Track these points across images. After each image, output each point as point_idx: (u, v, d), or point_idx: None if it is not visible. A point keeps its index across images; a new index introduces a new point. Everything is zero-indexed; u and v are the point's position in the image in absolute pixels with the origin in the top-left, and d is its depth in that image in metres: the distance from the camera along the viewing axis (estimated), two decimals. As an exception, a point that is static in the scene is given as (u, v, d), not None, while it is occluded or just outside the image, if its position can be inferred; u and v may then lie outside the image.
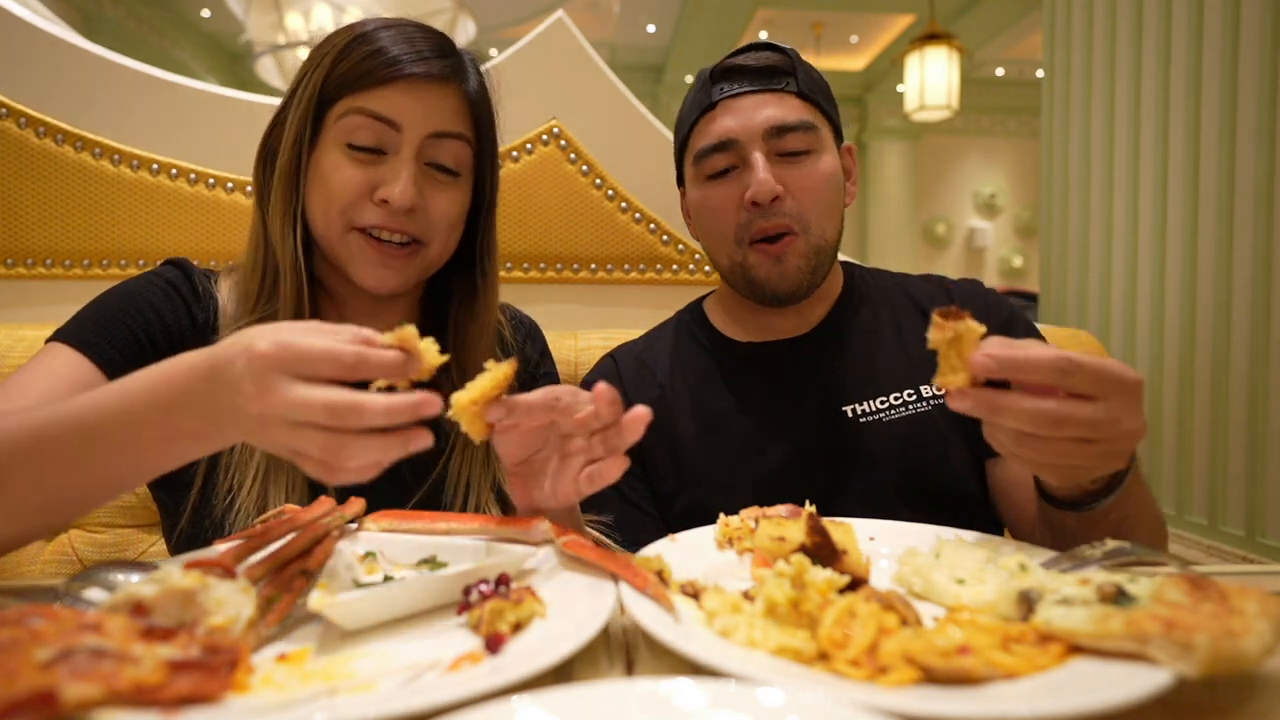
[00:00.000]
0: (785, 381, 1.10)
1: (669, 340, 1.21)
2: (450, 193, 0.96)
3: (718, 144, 1.06)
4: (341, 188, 0.91)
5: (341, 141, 0.92)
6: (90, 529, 1.25)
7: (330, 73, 0.92)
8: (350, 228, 0.92)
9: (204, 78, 6.73)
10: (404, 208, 0.91)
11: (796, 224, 1.04)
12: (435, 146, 0.93)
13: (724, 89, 1.07)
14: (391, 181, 0.91)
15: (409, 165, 0.91)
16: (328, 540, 0.67)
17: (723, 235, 1.08)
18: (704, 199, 1.10)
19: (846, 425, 1.06)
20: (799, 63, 1.09)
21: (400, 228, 0.92)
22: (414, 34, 0.94)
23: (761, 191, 1.02)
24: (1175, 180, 2.06)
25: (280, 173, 0.93)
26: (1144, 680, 0.44)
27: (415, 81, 0.91)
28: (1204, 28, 1.97)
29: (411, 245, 0.94)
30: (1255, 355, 1.85)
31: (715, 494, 1.06)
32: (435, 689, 0.45)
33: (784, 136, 1.04)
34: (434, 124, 0.92)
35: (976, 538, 0.75)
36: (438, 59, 0.93)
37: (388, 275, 0.94)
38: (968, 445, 1.05)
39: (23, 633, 0.43)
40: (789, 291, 1.07)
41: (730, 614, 0.56)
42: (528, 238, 1.60)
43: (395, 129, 0.91)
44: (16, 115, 1.42)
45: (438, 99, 0.93)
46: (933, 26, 5.80)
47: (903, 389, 1.07)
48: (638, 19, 7.94)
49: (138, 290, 0.93)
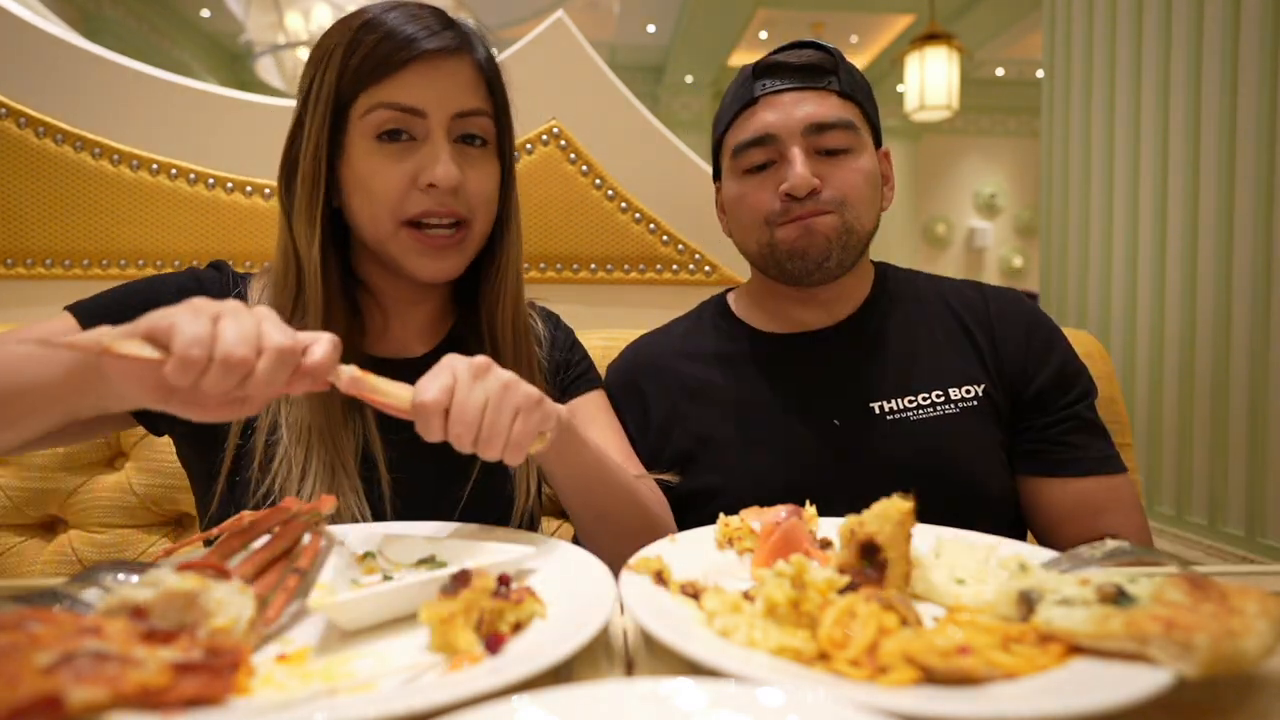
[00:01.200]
0: (812, 374, 1.10)
1: (690, 329, 1.22)
2: (484, 166, 0.97)
3: (757, 138, 1.05)
4: (385, 185, 0.91)
5: (370, 139, 0.91)
6: (90, 529, 1.25)
7: (343, 70, 0.91)
8: (400, 224, 0.93)
9: (204, 78, 6.73)
10: (451, 186, 0.91)
11: (833, 206, 1.04)
12: (461, 124, 0.94)
13: (765, 85, 1.07)
14: (432, 165, 0.91)
15: (444, 146, 0.92)
16: (315, 538, 0.68)
17: (755, 223, 1.08)
18: (741, 192, 1.09)
19: (873, 421, 1.05)
20: (842, 62, 1.09)
21: (449, 209, 0.93)
22: (417, 11, 0.94)
23: (798, 184, 1.01)
24: (1175, 180, 2.06)
25: (304, 179, 0.93)
26: (1144, 680, 0.44)
27: (431, 59, 0.91)
28: (1204, 28, 1.97)
29: (458, 228, 0.95)
30: (1255, 355, 1.85)
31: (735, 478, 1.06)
32: (435, 689, 0.45)
33: (823, 134, 1.03)
34: (456, 103, 0.93)
35: (977, 538, 0.75)
36: (447, 31, 0.93)
37: (443, 264, 0.95)
38: (995, 452, 1.05)
39: (22, 637, 0.43)
40: (817, 259, 1.05)
41: (730, 614, 0.56)
42: (527, 238, 1.58)
43: (421, 116, 0.91)
44: (16, 115, 1.42)
45: (454, 75, 0.93)
46: (933, 27, 5.79)
47: (931, 390, 1.06)
48: (638, 19, 7.93)
49: (164, 282, 0.94)
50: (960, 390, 1.05)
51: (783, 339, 1.14)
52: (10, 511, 1.24)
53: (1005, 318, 1.10)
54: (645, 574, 0.64)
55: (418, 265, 0.94)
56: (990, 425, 1.05)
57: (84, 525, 1.26)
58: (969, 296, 1.14)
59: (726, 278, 1.66)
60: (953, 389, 1.05)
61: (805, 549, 0.72)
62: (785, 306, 1.15)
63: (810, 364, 1.11)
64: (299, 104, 0.95)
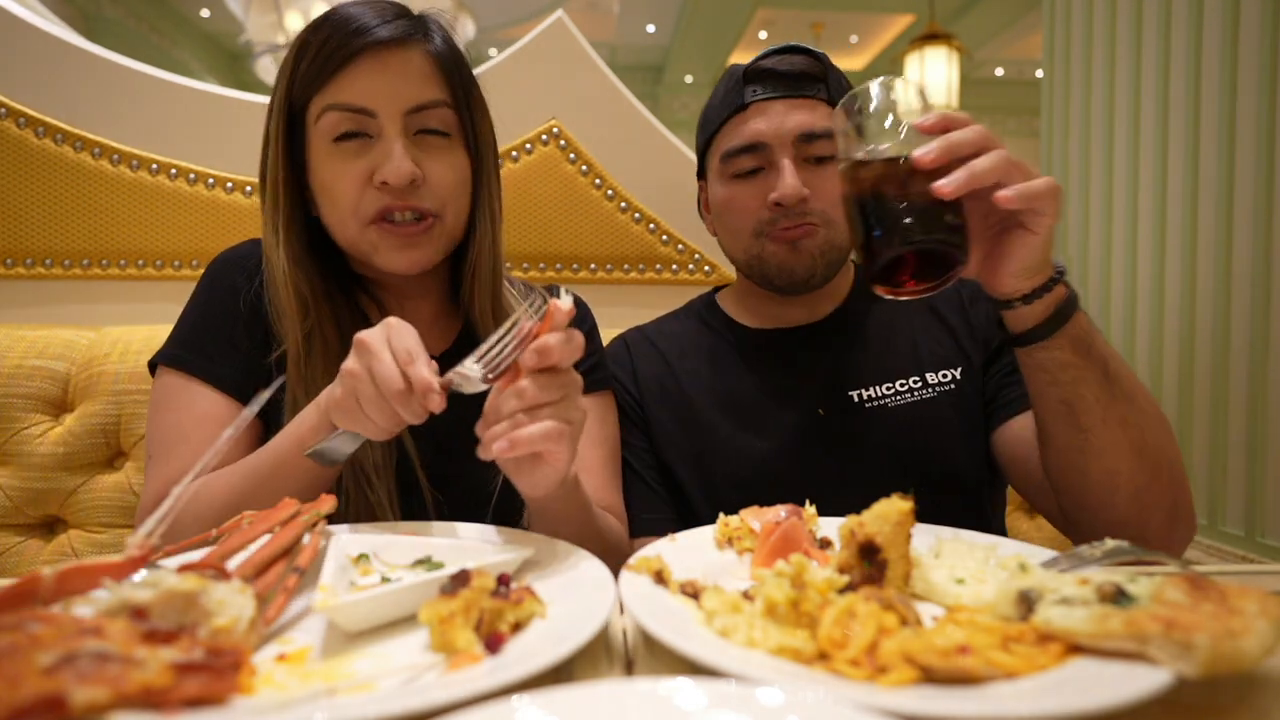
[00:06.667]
0: (794, 365, 1.14)
1: (681, 323, 1.25)
2: (446, 157, 0.96)
3: (747, 145, 1.08)
4: (343, 188, 0.92)
5: (326, 141, 0.92)
6: (90, 529, 1.25)
7: (294, 74, 0.92)
8: (366, 222, 0.93)
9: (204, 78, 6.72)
10: (404, 182, 0.91)
11: (819, 220, 1.07)
12: (417, 119, 0.93)
13: (756, 91, 1.09)
14: (385, 163, 0.91)
15: (397, 142, 0.91)
16: (315, 538, 0.67)
17: (742, 230, 1.11)
18: (729, 197, 1.12)
19: (852, 408, 1.09)
20: (830, 69, 1.11)
21: (409, 204, 0.93)
22: (373, 3, 0.94)
23: (789, 195, 1.04)
24: (1175, 180, 2.06)
25: (271, 189, 0.95)
26: (1144, 680, 0.44)
27: (377, 52, 0.91)
28: (1204, 28, 1.97)
29: (426, 220, 0.95)
30: (1255, 355, 1.85)
31: (721, 467, 1.11)
32: (435, 689, 0.45)
33: (813, 143, 1.06)
34: (407, 99, 0.92)
35: (976, 537, 0.75)
36: (399, 20, 0.93)
37: (414, 255, 0.95)
38: (971, 436, 1.08)
39: (22, 638, 0.43)
40: (803, 277, 1.09)
41: (730, 614, 0.56)
42: (527, 238, 1.60)
43: (371, 115, 0.91)
44: (16, 115, 1.42)
45: (402, 68, 0.92)
46: (932, 26, 5.80)
47: (909, 376, 1.10)
48: (637, 19, 7.93)
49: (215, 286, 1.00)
50: (937, 375, 1.09)
51: (767, 334, 1.18)
52: (10, 511, 1.24)
53: (979, 296, 1.15)
54: (645, 574, 0.64)
55: (388, 259, 0.95)
56: (967, 409, 1.09)
57: (84, 525, 1.26)
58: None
59: (726, 278, 1.67)
60: (930, 374, 1.10)
61: (805, 549, 0.72)
62: (770, 305, 1.19)
63: (794, 358, 1.15)
64: (267, 113, 0.97)
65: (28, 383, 1.26)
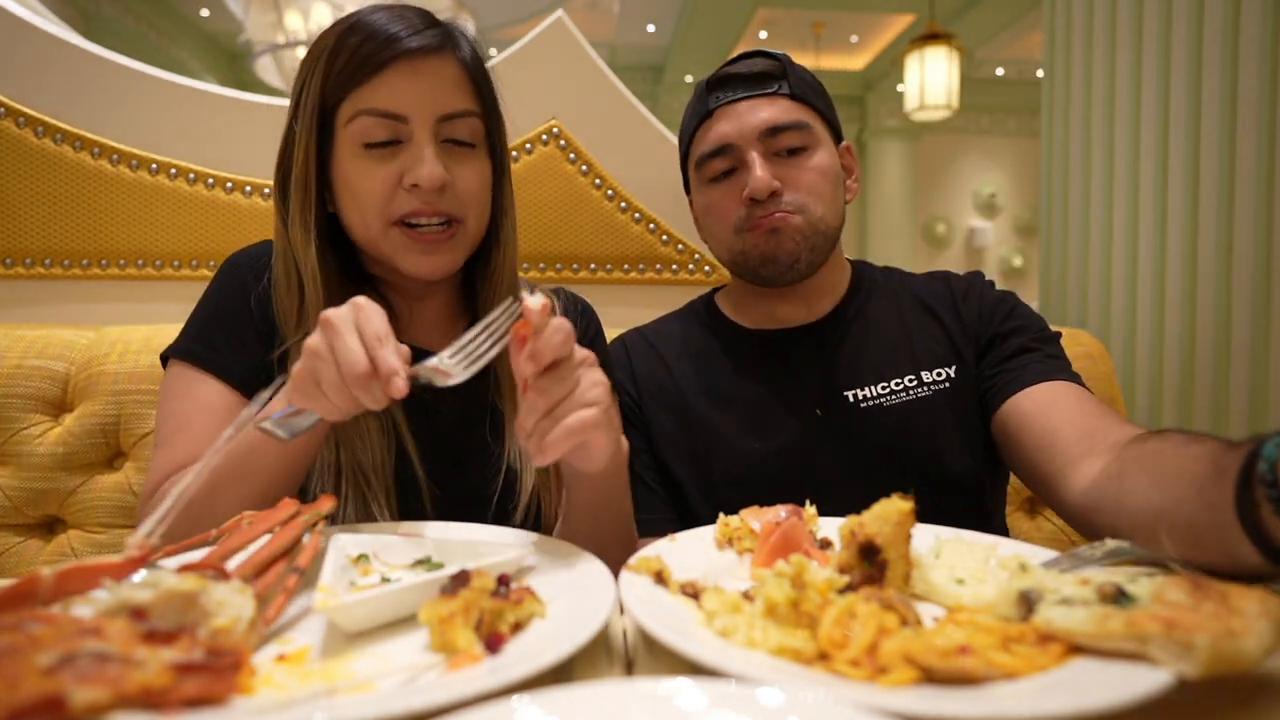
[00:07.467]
0: (790, 365, 1.15)
1: (679, 324, 1.27)
2: (472, 165, 0.97)
3: (716, 149, 1.11)
4: (371, 189, 0.92)
5: (357, 145, 0.92)
6: (90, 529, 1.25)
7: (328, 75, 0.92)
8: (389, 224, 0.93)
9: (203, 77, 6.72)
10: (435, 186, 0.92)
11: (793, 208, 1.08)
12: (447, 128, 0.94)
13: (719, 97, 1.13)
14: (416, 166, 0.91)
15: (429, 146, 0.92)
16: (315, 538, 0.67)
17: (724, 230, 1.13)
18: (708, 201, 1.15)
19: (847, 408, 1.10)
20: (790, 66, 1.14)
21: (436, 209, 0.93)
22: (403, 11, 0.95)
23: (759, 188, 1.07)
24: (1175, 180, 2.06)
25: (298, 186, 0.94)
26: (1144, 680, 0.44)
27: (413, 59, 0.91)
28: (1204, 28, 1.97)
29: (450, 225, 0.95)
30: (1255, 355, 1.85)
31: (719, 467, 1.11)
32: (435, 689, 0.45)
33: (778, 135, 1.09)
34: (440, 106, 0.93)
35: (976, 537, 0.75)
36: (429, 29, 0.94)
37: (436, 261, 0.96)
38: (966, 433, 1.09)
39: (21, 638, 0.43)
40: (787, 262, 1.09)
41: (730, 614, 0.56)
42: (527, 238, 1.60)
43: (404, 121, 0.92)
44: (15, 115, 1.42)
45: (436, 75, 0.93)
46: (932, 26, 5.80)
47: (904, 375, 1.11)
48: (638, 19, 7.93)
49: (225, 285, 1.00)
50: (931, 373, 1.10)
51: (764, 334, 1.19)
52: (10, 511, 1.24)
53: (969, 294, 1.16)
54: (645, 574, 0.64)
55: (410, 262, 0.95)
56: (962, 406, 1.09)
57: (83, 525, 1.26)
58: (936, 286, 1.20)
59: (726, 278, 1.66)
60: (924, 371, 1.10)
61: (805, 549, 0.72)
62: (766, 305, 1.20)
63: (791, 358, 1.15)
64: (290, 110, 0.96)
65: (27, 383, 1.26)
